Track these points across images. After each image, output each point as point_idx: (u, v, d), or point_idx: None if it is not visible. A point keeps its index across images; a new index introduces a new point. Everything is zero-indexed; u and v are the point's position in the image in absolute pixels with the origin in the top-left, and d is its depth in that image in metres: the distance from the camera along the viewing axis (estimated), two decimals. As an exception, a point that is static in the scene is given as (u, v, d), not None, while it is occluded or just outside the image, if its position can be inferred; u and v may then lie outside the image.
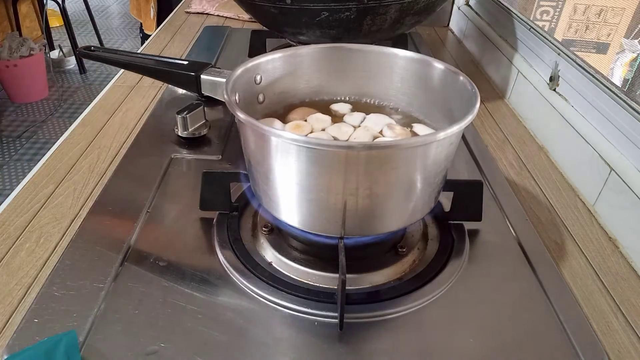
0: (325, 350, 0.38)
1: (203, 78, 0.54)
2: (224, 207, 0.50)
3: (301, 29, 0.74)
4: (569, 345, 0.39)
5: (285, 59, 0.49)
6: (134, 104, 0.77)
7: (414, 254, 0.46)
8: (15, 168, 2.02)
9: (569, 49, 0.69)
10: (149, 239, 0.48)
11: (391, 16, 0.71)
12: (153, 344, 0.38)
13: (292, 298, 0.41)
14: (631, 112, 0.54)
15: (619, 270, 0.49)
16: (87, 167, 0.61)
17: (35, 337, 0.38)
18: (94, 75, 2.86)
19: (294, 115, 0.49)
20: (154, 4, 1.72)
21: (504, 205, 0.54)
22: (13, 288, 0.44)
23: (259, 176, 0.41)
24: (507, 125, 0.75)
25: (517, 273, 0.46)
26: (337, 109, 0.50)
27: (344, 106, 0.50)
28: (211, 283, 0.43)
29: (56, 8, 2.78)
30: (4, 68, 2.33)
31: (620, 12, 1.03)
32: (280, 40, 0.94)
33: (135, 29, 3.41)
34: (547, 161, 0.66)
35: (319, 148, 0.35)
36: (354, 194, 0.37)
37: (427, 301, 0.42)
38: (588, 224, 0.55)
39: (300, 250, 0.45)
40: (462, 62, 0.99)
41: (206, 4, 1.24)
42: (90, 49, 0.63)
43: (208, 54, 0.94)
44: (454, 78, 0.44)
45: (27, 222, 0.52)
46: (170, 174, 0.58)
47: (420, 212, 0.42)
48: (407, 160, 0.36)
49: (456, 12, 1.15)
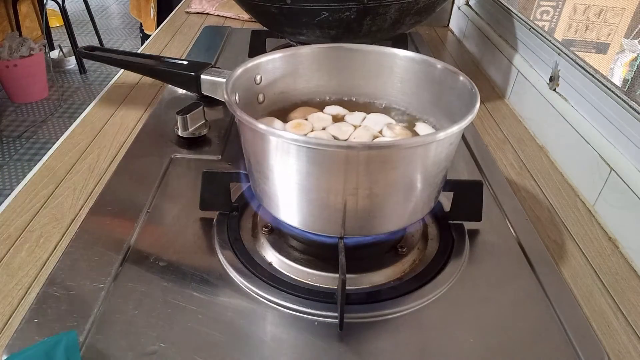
0: (325, 350, 0.38)
1: (203, 78, 0.54)
2: (224, 207, 0.50)
3: (301, 29, 0.74)
4: (569, 345, 0.39)
5: (285, 59, 0.49)
6: (134, 104, 0.77)
7: (414, 254, 0.46)
8: (15, 168, 2.02)
9: (569, 49, 0.69)
10: (149, 239, 0.48)
11: (391, 16, 0.71)
12: (153, 344, 0.38)
13: (292, 298, 0.41)
14: (631, 112, 0.54)
15: (619, 270, 0.49)
16: (87, 167, 0.61)
17: (35, 337, 0.38)
18: (94, 75, 2.86)
19: (295, 115, 0.49)
20: (154, 4, 1.73)
21: (504, 205, 0.54)
22: (13, 288, 0.44)
23: (259, 176, 0.41)
24: (507, 125, 0.75)
25: (517, 273, 0.46)
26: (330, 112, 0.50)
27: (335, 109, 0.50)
28: (211, 283, 0.43)
29: (56, 8, 2.78)
30: (4, 68, 2.33)
31: (620, 12, 1.02)
32: (280, 40, 0.94)
33: (135, 29, 3.41)
34: (547, 161, 0.66)
35: (319, 148, 0.35)
36: (354, 193, 0.37)
37: (427, 301, 0.42)
38: (588, 224, 0.55)
39: (300, 250, 0.45)
40: (462, 62, 0.99)
41: (206, 4, 1.24)
42: (90, 49, 0.63)
43: (208, 54, 0.94)
44: (454, 78, 0.44)
45: (27, 222, 0.52)
46: (170, 174, 0.58)
47: (420, 212, 0.42)
48: (407, 160, 0.36)
49: (456, 12, 1.15)
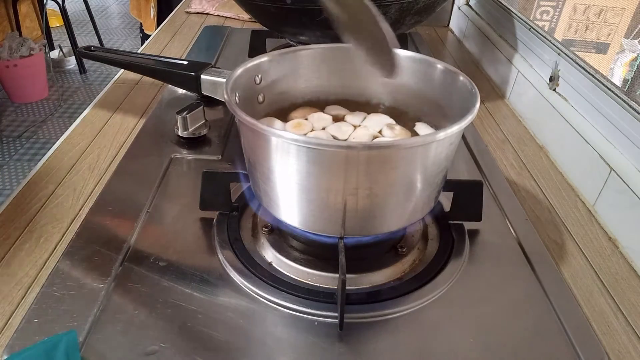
0: (325, 350, 0.38)
1: (203, 78, 0.54)
2: (224, 207, 0.50)
3: (301, 29, 0.74)
4: (569, 345, 0.39)
5: (285, 59, 0.49)
6: (134, 104, 0.77)
7: (414, 254, 0.46)
8: (15, 168, 2.02)
9: (569, 49, 0.69)
10: (149, 239, 0.48)
11: (391, 16, 0.71)
12: (153, 344, 0.38)
13: (292, 298, 0.41)
14: (631, 112, 0.54)
15: (619, 270, 0.49)
16: (87, 167, 0.61)
17: (35, 337, 0.38)
18: (94, 75, 2.86)
19: (295, 114, 0.49)
20: (154, 4, 1.73)
21: (504, 205, 0.54)
22: (13, 288, 0.44)
23: (259, 176, 0.41)
24: (507, 125, 0.75)
25: (517, 273, 0.46)
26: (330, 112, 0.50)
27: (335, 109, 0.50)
28: (211, 283, 0.43)
29: (56, 8, 2.78)
30: (4, 68, 2.33)
31: (620, 12, 1.02)
32: (280, 40, 0.94)
33: (135, 29, 3.41)
34: (547, 161, 0.66)
35: (319, 148, 0.35)
36: (354, 193, 0.37)
37: (427, 301, 0.42)
38: (588, 224, 0.55)
39: (300, 250, 0.45)
40: (462, 62, 0.99)
41: (206, 4, 1.24)
42: (90, 49, 0.63)
43: (208, 54, 0.94)
44: (454, 78, 0.44)
45: (27, 222, 0.52)
46: (170, 174, 0.58)
47: (420, 212, 0.42)
48: (407, 160, 0.36)
49: (456, 12, 1.15)
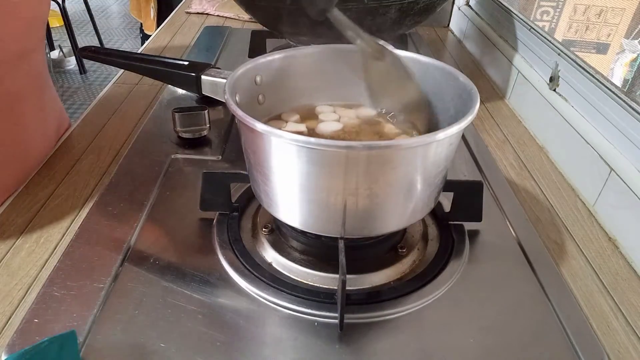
0: (325, 351, 0.38)
1: (203, 78, 0.54)
2: (224, 207, 0.50)
3: (301, 29, 0.74)
4: (569, 345, 0.39)
5: (285, 59, 0.49)
6: (134, 104, 0.77)
7: (414, 255, 0.46)
8: (15, 168, 2.01)
9: (569, 49, 0.69)
10: (149, 239, 0.48)
11: (391, 17, 0.71)
12: (153, 344, 0.38)
13: (292, 298, 0.41)
14: (631, 112, 0.54)
15: (619, 270, 0.49)
16: (87, 167, 0.61)
17: (35, 337, 0.38)
18: (94, 75, 2.86)
19: (295, 114, 0.49)
20: (154, 4, 1.73)
21: (504, 206, 0.54)
22: (13, 288, 0.44)
23: (259, 176, 0.41)
24: (507, 125, 0.75)
25: (517, 273, 0.46)
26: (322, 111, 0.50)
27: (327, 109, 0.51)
28: (211, 283, 0.43)
29: (56, 8, 2.78)
30: (4, 68, 2.32)
31: (620, 13, 1.03)
32: (280, 40, 0.94)
33: (135, 29, 3.41)
34: (547, 161, 0.66)
35: (319, 148, 0.35)
36: (354, 194, 0.37)
37: (427, 301, 0.42)
38: (588, 224, 0.55)
39: (300, 250, 0.45)
40: (462, 62, 0.99)
41: (206, 4, 1.24)
42: (90, 49, 0.63)
43: (208, 54, 0.94)
44: (454, 78, 0.44)
45: (27, 222, 0.52)
46: (170, 174, 0.58)
47: (420, 212, 0.42)
48: (407, 160, 0.36)
49: (456, 13, 1.15)
